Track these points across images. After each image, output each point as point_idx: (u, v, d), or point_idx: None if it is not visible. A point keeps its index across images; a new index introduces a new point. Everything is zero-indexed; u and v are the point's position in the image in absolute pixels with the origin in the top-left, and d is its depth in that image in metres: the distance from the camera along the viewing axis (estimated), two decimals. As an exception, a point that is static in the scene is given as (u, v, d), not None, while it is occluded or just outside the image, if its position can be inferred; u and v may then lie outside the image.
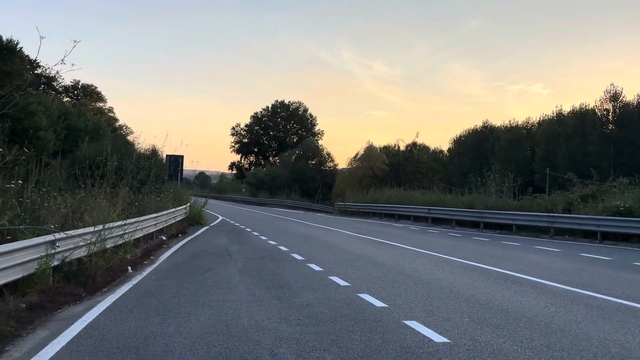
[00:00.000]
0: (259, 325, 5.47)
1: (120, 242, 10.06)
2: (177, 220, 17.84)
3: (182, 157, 25.42)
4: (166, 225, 15.65)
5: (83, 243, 8.15)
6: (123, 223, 10.27)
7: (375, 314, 5.99)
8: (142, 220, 12.10)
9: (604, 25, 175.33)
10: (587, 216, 16.57)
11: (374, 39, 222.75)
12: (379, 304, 6.53)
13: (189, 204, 22.34)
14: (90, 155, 16.02)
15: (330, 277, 8.53)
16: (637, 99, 44.45)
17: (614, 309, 6.39)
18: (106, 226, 9.01)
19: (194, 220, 21.67)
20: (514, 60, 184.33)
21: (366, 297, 6.95)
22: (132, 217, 11.66)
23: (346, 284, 7.96)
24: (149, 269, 9.58)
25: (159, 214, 14.31)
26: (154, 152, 20.73)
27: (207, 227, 21.05)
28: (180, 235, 16.58)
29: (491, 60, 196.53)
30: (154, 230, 13.88)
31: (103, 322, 5.69)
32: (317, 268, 9.62)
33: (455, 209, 23.70)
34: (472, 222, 22.29)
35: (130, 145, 16.59)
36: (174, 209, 17.18)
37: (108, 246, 9.21)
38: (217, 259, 11.07)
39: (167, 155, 24.40)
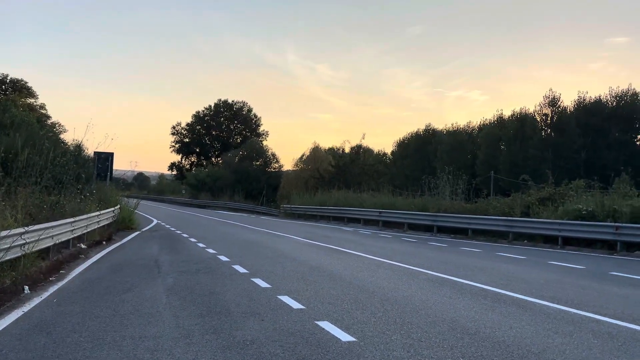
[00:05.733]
0: (184, 379, 3.88)
1: (18, 254, 8.13)
2: (101, 225, 15.70)
3: (112, 154, 23.02)
4: (87, 231, 13.57)
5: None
6: (23, 230, 8.31)
7: (342, 354, 4.53)
8: (52, 227, 10.09)
9: (539, 35, 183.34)
10: (549, 220, 15.84)
11: (319, 42, 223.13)
12: (345, 337, 5.07)
13: (118, 206, 20.09)
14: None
15: (280, 297, 7.00)
16: (574, 105, 45.73)
17: (630, 338, 5.24)
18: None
19: (123, 224, 19.48)
20: (454, 67, 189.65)
21: (327, 325, 5.49)
22: (40, 223, 9.67)
23: (300, 306, 6.46)
24: (52, 289, 7.69)
25: (77, 218, 12.25)
26: (78, 148, 18.38)
27: (138, 232, 18.94)
28: (105, 242, 14.50)
29: (432, 66, 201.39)
30: (70, 237, 11.83)
31: (-45, 379, 3.93)
32: (263, 284, 8.06)
33: (407, 211, 22.68)
34: (425, 225, 21.32)
35: (47, 139, 14.39)
36: (97, 212, 15.06)
37: (-3, 261, 7.29)
38: (142, 273, 9.27)
39: (95, 152, 21.99)
